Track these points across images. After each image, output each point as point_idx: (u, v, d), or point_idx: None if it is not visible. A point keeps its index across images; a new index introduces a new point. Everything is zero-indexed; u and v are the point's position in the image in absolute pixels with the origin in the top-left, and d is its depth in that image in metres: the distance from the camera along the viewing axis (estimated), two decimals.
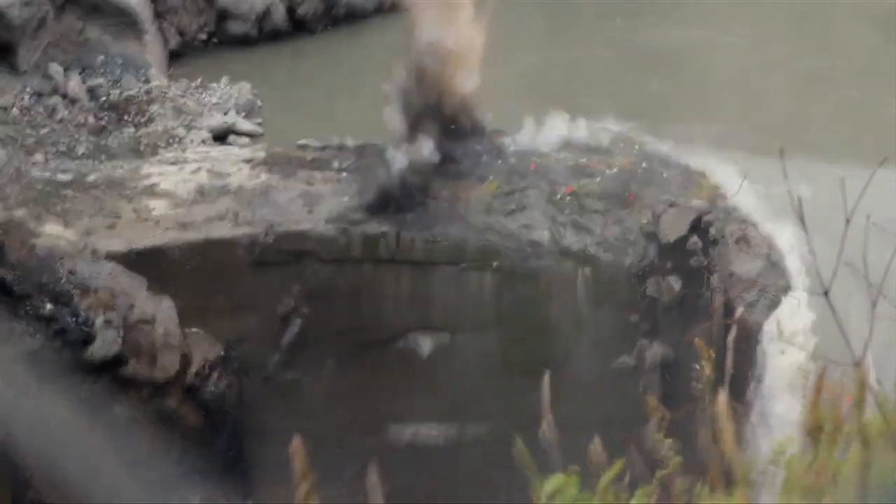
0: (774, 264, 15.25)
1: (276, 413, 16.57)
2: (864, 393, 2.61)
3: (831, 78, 21.25)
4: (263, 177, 17.83)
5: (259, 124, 20.64)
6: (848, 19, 24.01)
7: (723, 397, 2.36)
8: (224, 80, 21.91)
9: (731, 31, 22.11)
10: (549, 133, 17.96)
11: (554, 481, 3.02)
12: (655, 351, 16.18)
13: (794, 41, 20.60)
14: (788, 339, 13.11)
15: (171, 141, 19.45)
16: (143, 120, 20.06)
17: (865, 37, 23.17)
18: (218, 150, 19.15)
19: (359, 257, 16.53)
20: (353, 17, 24.55)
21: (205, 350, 16.01)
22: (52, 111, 19.95)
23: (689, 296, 15.76)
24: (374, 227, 16.53)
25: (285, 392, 16.81)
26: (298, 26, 25.06)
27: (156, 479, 14.17)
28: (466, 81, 16.88)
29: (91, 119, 19.95)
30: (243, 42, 24.31)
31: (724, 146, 17.42)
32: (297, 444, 2.19)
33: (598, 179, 17.18)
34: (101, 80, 20.85)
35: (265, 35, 24.65)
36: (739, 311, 13.73)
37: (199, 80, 21.84)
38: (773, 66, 20.84)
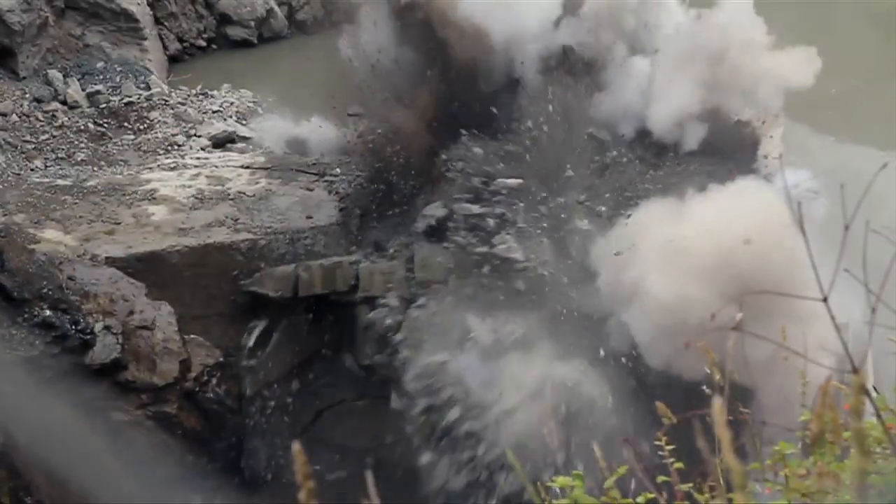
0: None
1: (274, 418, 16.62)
2: (862, 400, 2.63)
3: (832, 73, 21.45)
4: (263, 182, 17.89)
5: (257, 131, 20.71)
6: (847, 19, 24.22)
7: (718, 403, 2.38)
8: (225, 87, 21.96)
9: None
10: None
11: (558, 482, 3.05)
12: None
13: (792, 40, 20.79)
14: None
15: (170, 148, 19.50)
16: (143, 127, 20.10)
17: (865, 35, 23.40)
18: (217, 156, 19.20)
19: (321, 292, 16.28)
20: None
21: (204, 356, 16.03)
22: (51, 117, 19.98)
23: None
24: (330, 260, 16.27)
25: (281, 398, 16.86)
26: (297, 28, 25.18)
27: (156, 481, 14.19)
28: None
29: (91, 125, 19.98)
30: (242, 45, 24.41)
31: None
32: (297, 449, 2.21)
33: None
34: (100, 87, 20.88)
35: (265, 40, 24.75)
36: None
37: (200, 86, 21.89)
38: None
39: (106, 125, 20.06)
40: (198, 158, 18.98)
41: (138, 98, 20.77)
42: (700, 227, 12.40)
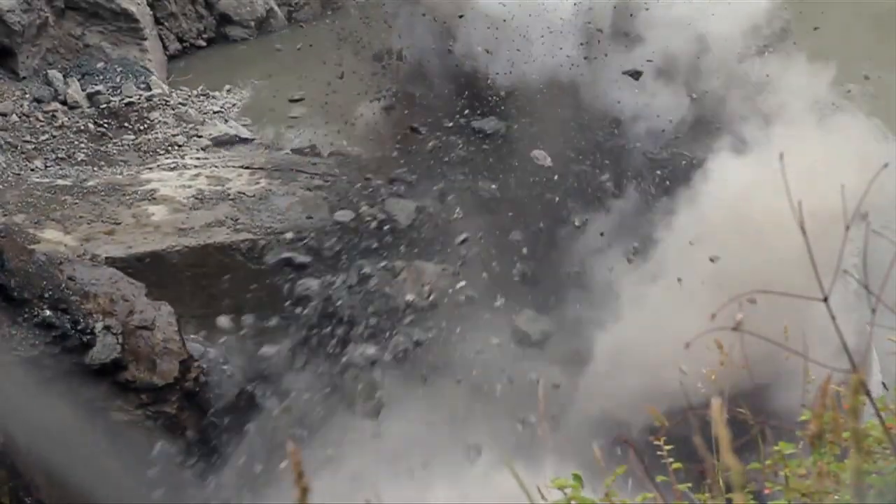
0: None
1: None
2: (859, 400, 2.63)
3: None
4: (263, 182, 17.89)
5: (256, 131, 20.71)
6: (848, 17, 24.26)
7: (717, 402, 2.38)
8: (226, 88, 21.97)
9: None
10: None
11: (557, 482, 3.04)
12: None
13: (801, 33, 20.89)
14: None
15: (171, 148, 19.49)
16: (143, 127, 20.10)
17: (866, 32, 23.47)
18: (217, 156, 19.20)
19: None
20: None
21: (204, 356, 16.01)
22: (51, 117, 19.97)
23: None
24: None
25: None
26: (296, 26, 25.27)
27: (156, 481, 14.18)
28: None
29: (91, 125, 19.97)
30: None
31: None
32: (292, 448, 2.22)
33: None
34: (100, 87, 20.87)
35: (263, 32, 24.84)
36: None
37: (201, 87, 21.90)
38: None
39: (106, 125, 20.05)
40: (198, 159, 18.98)
41: (138, 98, 20.76)
42: None
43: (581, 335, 13.00)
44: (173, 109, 20.68)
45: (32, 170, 18.42)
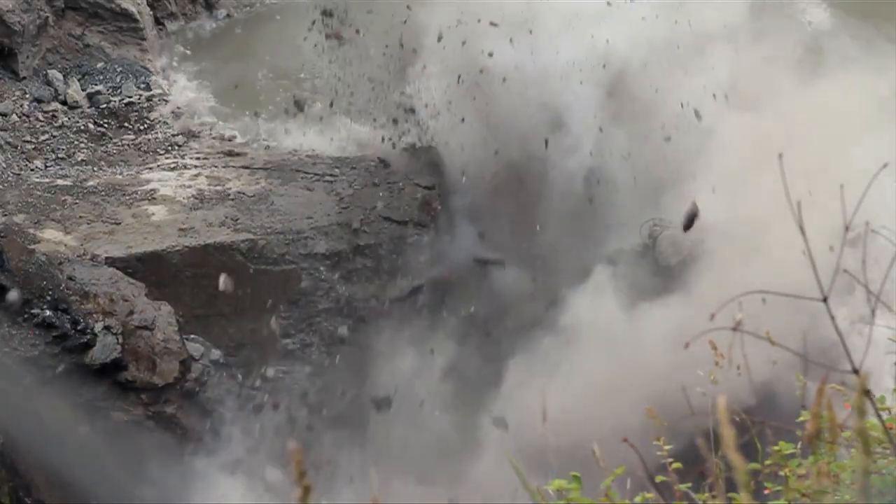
0: None
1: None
2: (863, 400, 2.64)
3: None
4: (263, 182, 17.87)
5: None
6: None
7: (723, 401, 2.38)
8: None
9: None
10: None
11: (556, 484, 3.04)
12: None
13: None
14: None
15: (170, 148, 19.48)
16: (143, 127, 20.08)
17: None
18: (217, 156, 19.18)
19: None
20: None
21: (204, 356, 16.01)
22: (51, 117, 19.95)
23: None
24: None
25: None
26: None
27: (156, 481, 14.19)
28: None
29: (91, 125, 19.96)
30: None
31: None
32: (293, 448, 2.22)
33: None
34: (100, 87, 20.85)
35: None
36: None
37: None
38: None
39: (106, 125, 20.03)
40: (198, 158, 18.96)
41: (138, 98, 20.74)
42: None
43: None
44: (173, 109, 20.67)
45: (32, 170, 18.41)
